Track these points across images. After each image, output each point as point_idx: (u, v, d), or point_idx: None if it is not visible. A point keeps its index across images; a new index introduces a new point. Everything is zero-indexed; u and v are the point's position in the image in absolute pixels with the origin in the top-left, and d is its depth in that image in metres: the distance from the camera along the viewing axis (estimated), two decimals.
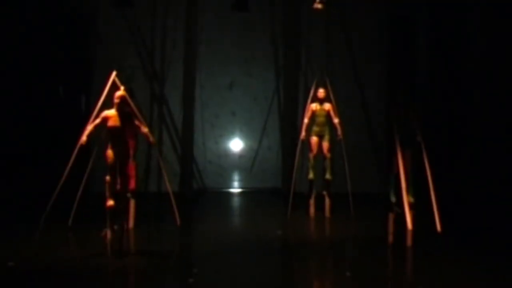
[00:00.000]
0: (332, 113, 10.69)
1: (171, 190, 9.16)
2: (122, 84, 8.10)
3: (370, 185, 13.35)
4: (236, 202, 13.49)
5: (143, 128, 8.04)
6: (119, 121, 7.49)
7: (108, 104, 7.96)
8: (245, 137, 14.44)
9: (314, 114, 10.70)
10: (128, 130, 7.64)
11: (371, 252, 8.36)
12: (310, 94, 10.87)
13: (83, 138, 7.42)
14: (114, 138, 7.47)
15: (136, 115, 8.14)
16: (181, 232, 9.21)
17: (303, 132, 10.69)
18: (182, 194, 12.90)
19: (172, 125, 13.92)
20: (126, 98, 7.72)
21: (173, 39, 13.81)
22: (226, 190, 14.30)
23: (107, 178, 7.42)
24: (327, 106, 10.70)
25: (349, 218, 10.67)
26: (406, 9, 13.80)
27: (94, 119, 7.83)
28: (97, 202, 8.40)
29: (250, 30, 14.13)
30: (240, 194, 14.17)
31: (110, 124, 7.48)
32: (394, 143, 8.32)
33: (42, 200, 8.65)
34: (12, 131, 11.79)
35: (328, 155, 10.72)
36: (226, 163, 14.42)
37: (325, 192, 10.83)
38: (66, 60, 12.71)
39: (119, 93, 7.70)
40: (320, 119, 10.72)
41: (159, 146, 13.08)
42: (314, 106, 10.70)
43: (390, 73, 13.86)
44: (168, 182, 9.35)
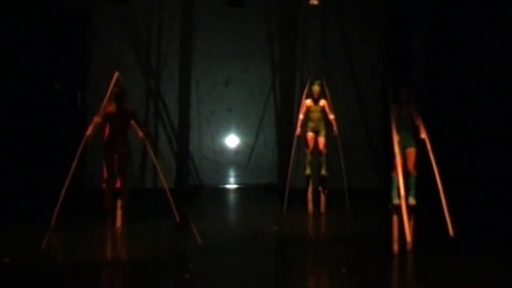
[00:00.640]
0: (327, 109, 10.69)
1: (168, 187, 9.11)
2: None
3: (366, 181, 13.37)
4: (232, 198, 13.50)
5: (139, 132, 8.06)
6: (120, 117, 7.50)
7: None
8: (241, 133, 14.45)
9: (309, 110, 10.70)
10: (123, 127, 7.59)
11: (367, 248, 8.38)
12: (305, 90, 10.87)
13: (97, 119, 7.44)
14: (113, 135, 7.44)
15: (135, 117, 8.08)
16: (177, 228, 9.20)
17: (298, 128, 10.68)
18: (177, 190, 12.89)
19: (168, 121, 13.91)
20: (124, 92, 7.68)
21: (168, 36, 13.82)
22: (222, 186, 14.31)
23: (105, 178, 7.48)
24: (322, 102, 10.70)
25: (344, 214, 10.68)
26: (403, 5, 13.80)
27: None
28: (92, 198, 8.45)
29: (246, 26, 14.11)
30: (236, 190, 14.17)
31: (111, 120, 7.49)
32: (394, 142, 7.94)
33: (39, 196, 8.65)
34: (8, 128, 11.77)
35: (324, 151, 10.72)
36: (222, 159, 14.42)
37: (320, 188, 10.85)
38: (62, 57, 12.69)
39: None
40: (315, 115, 10.71)
41: (154, 144, 13.06)
42: (309, 102, 10.70)
43: (386, 69, 13.86)
44: (163, 179, 9.26)
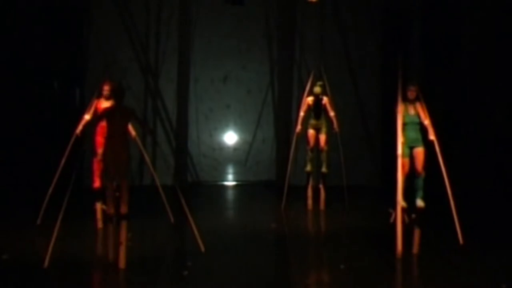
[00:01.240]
0: (328, 106, 10.69)
1: (167, 184, 9.10)
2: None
3: (364, 177, 13.37)
4: (230, 195, 13.49)
5: (132, 131, 8.06)
6: (119, 117, 6.89)
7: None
8: (239, 130, 14.44)
9: (309, 107, 10.70)
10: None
11: (366, 245, 8.38)
12: (306, 88, 10.85)
13: (87, 117, 7.41)
14: (112, 136, 6.84)
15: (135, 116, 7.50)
16: (175, 225, 9.19)
17: (299, 125, 10.70)
18: (176, 187, 12.86)
19: (166, 118, 13.88)
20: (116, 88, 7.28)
21: (167, 33, 13.78)
22: (220, 183, 14.30)
23: (107, 185, 6.96)
24: (324, 99, 10.69)
25: (344, 211, 10.72)
26: (400, 1, 13.78)
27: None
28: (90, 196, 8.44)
29: (244, 23, 14.11)
30: (234, 187, 14.16)
31: (111, 120, 6.89)
32: (397, 143, 7.56)
33: (36, 193, 8.63)
34: (7, 125, 11.75)
35: (324, 148, 10.74)
36: (221, 156, 14.41)
37: (320, 185, 10.87)
38: (60, 54, 12.65)
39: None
40: (316, 119, 10.72)
41: (155, 141, 13.05)
42: (311, 99, 10.69)
43: (384, 66, 13.86)
44: (157, 179, 9.10)
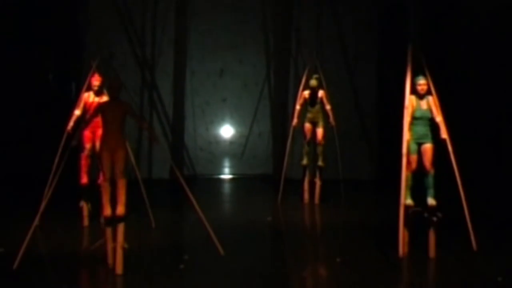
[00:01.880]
0: (324, 100, 10.67)
1: (164, 177, 9.04)
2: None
3: (360, 171, 13.36)
4: (226, 188, 13.51)
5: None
6: (115, 113, 6.55)
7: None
8: (235, 123, 14.42)
9: (306, 101, 10.68)
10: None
11: (361, 238, 8.37)
12: (302, 81, 10.84)
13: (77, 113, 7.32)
14: (108, 133, 6.54)
15: (132, 111, 6.96)
16: (171, 218, 9.18)
17: (295, 119, 10.69)
18: (172, 181, 12.85)
19: (162, 111, 13.89)
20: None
21: (163, 26, 13.78)
22: (217, 176, 14.29)
23: (103, 184, 6.61)
24: (320, 93, 10.67)
25: (339, 205, 10.73)
26: None
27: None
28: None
29: (241, 16, 14.06)
30: (231, 180, 14.17)
31: (106, 116, 6.56)
32: (403, 141, 7.06)
33: (33, 188, 8.60)
34: (2, 119, 11.72)
35: (321, 142, 10.72)
36: (217, 150, 14.40)
37: (316, 179, 10.85)
38: (55, 47, 12.60)
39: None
40: (312, 107, 10.69)
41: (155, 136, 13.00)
42: (307, 93, 10.67)
43: (381, 59, 13.86)
44: (137, 175, 8.88)
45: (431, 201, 7.08)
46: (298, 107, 10.71)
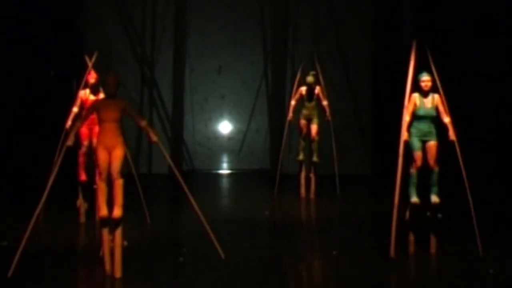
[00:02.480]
0: (321, 95, 10.62)
1: (162, 172, 8.96)
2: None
3: (355, 166, 13.34)
4: (225, 183, 13.51)
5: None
6: (112, 111, 6.18)
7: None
8: (233, 119, 14.41)
9: (302, 97, 10.61)
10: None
11: (356, 231, 8.36)
12: (297, 77, 10.79)
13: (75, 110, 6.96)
14: (105, 132, 6.19)
15: (131, 109, 6.49)
16: (171, 212, 9.13)
17: (290, 113, 10.66)
18: (171, 175, 12.80)
19: (162, 108, 13.91)
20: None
21: (162, 24, 13.79)
22: (215, 171, 14.29)
23: (99, 184, 6.21)
24: (317, 89, 10.61)
25: (335, 199, 10.71)
26: None
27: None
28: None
29: (239, 14, 14.07)
30: (229, 175, 14.17)
31: (103, 115, 6.18)
32: (401, 142, 6.74)
33: (35, 181, 8.51)
34: (5, 114, 11.66)
35: (316, 138, 10.67)
36: (215, 145, 14.40)
37: (311, 174, 10.84)
38: (57, 44, 12.53)
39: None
40: (308, 103, 10.63)
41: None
42: (304, 89, 10.61)
43: (376, 57, 13.84)
44: (133, 166, 8.77)
45: (435, 198, 6.90)
46: (293, 103, 10.68)
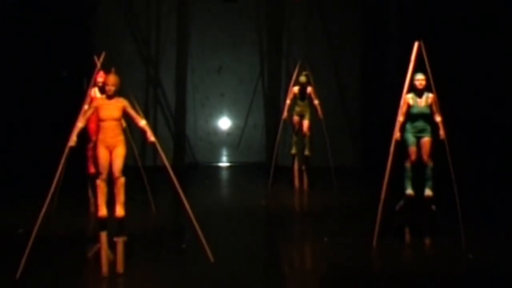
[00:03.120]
0: (312, 95, 10.74)
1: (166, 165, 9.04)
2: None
3: (346, 159, 13.42)
4: (224, 175, 13.55)
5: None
6: (111, 112, 5.92)
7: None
8: (232, 116, 14.47)
9: (295, 96, 10.75)
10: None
11: (347, 220, 8.45)
12: (293, 78, 10.88)
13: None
14: (106, 132, 5.92)
15: (130, 109, 6.17)
16: (174, 202, 9.24)
17: (285, 112, 10.75)
18: (175, 168, 12.89)
19: (166, 105, 13.96)
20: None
21: (166, 27, 13.83)
22: (215, 164, 14.34)
23: (99, 183, 5.83)
24: (309, 89, 10.74)
25: (326, 190, 10.75)
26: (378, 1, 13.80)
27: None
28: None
29: (237, 18, 14.12)
30: (228, 168, 14.21)
31: (102, 114, 5.93)
32: (393, 140, 6.71)
33: (48, 174, 8.62)
34: (20, 111, 11.73)
35: (307, 133, 10.79)
36: (215, 140, 14.45)
37: (304, 167, 10.93)
38: (69, 46, 12.62)
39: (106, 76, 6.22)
40: (301, 101, 10.77)
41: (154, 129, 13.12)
42: (296, 88, 10.74)
43: (364, 58, 13.92)
44: (138, 157, 8.85)
45: (428, 192, 6.90)
46: (288, 102, 10.74)
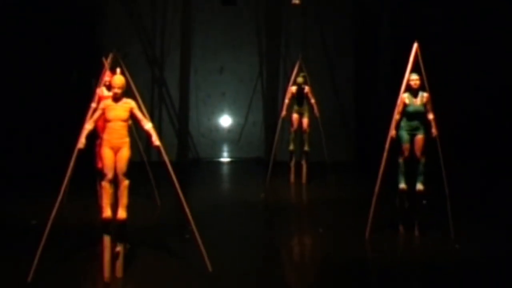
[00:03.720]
0: (309, 94, 10.81)
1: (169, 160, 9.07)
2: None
3: (341, 154, 13.45)
4: (225, 170, 13.61)
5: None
6: (117, 112, 5.73)
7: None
8: (233, 114, 14.48)
9: (293, 96, 10.80)
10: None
11: (342, 212, 8.52)
12: (292, 78, 10.91)
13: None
14: (111, 133, 5.74)
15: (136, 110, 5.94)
16: (178, 195, 9.26)
17: (284, 111, 10.80)
18: (178, 163, 12.98)
19: (170, 104, 14.02)
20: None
21: (171, 29, 13.87)
22: (216, 159, 14.36)
23: (104, 184, 5.63)
24: (306, 89, 10.80)
25: (322, 184, 10.83)
26: (372, 3, 13.82)
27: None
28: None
29: (238, 21, 14.13)
30: (228, 163, 14.23)
31: (109, 115, 5.73)
32: (388, 137, 6.76)
33: (61, 169, 8.63)
34: (31, 110, 11.74)
35: (307, 130, 10.87)
36: (217, 137, 14.47)
37: (303, 162, 10.99)
38: (78, 48, 12.65)
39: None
40: (300, 100, 10.83)
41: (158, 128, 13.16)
42: (294, 89, 10.79)
43: (358, 58, 13.97)
44: (143, 152, 8.85)
45: (420, 186, 6.98)
46: (286, 101, 10.82)
